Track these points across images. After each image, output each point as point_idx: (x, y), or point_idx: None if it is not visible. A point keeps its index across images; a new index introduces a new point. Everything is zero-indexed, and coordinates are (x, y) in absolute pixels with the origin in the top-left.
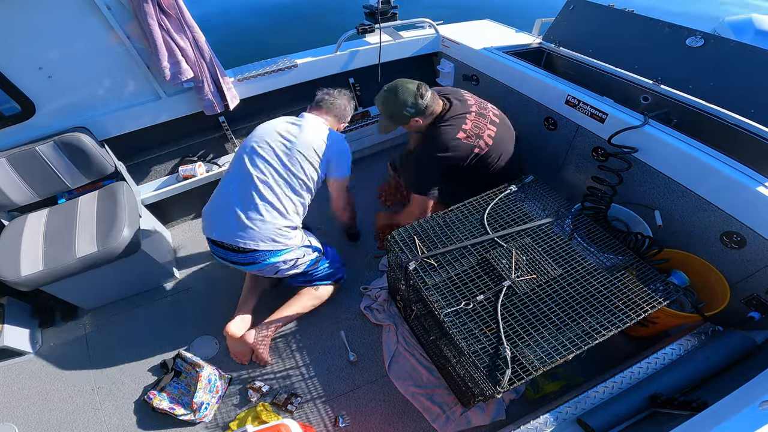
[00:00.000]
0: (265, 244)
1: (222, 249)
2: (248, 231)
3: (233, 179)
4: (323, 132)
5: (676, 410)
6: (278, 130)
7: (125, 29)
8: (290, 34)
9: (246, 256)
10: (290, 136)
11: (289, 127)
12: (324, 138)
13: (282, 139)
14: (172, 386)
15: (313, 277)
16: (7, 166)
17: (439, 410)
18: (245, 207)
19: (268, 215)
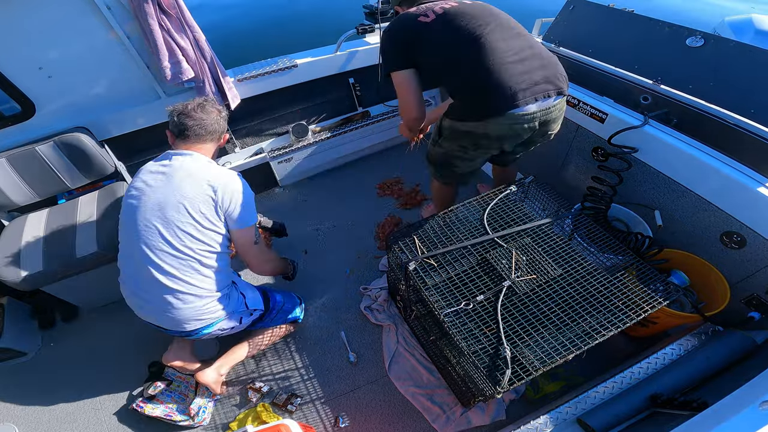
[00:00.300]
0: (190, 324)
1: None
2: (167, 316)
3: (128, 261)
4: (200, 174)
5: (676, 410)
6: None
7: (125, 29)
8: (290, 34)
9: (179, 332)
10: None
11: (154, 183)
12: (204, 182)
13: (158, 211)
14: (165, 395)
15: (265, 324)
16: (7, 167)
17: (439, 410)
18: (154, 295)
19: (180, 303)
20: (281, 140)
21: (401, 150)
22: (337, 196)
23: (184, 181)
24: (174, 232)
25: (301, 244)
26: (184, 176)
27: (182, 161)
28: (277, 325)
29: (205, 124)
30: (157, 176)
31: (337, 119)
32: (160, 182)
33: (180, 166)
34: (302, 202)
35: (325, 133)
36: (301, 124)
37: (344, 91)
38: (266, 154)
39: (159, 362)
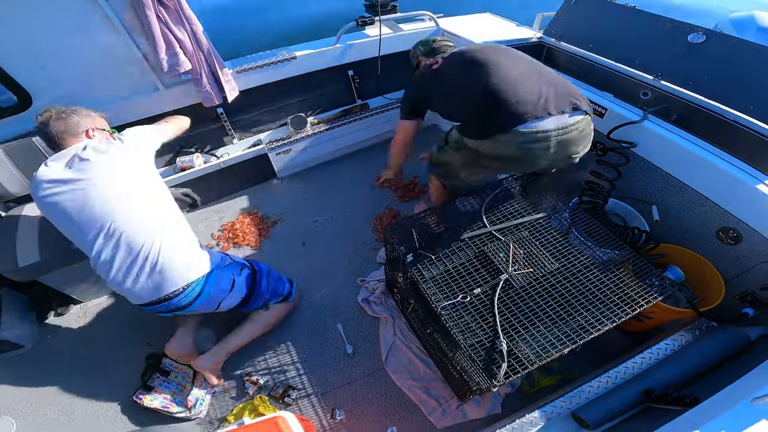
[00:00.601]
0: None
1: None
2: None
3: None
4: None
5: (669, 405)
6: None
7: (123, 20)
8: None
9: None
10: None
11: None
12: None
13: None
14: (163, 386)
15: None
16: (3, 157)
17: (435, 403)
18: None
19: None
20: (280, 132)
21: None
22: (336, 188)
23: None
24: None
25: (299, 235)
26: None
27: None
28: (272, 301)
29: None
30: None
31: (336, 111)
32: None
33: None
34: (301, 193)
35: (324, 125)
36: (299, 116)
37: (343, 83)
38: (265, 146)
39: (156, 354)
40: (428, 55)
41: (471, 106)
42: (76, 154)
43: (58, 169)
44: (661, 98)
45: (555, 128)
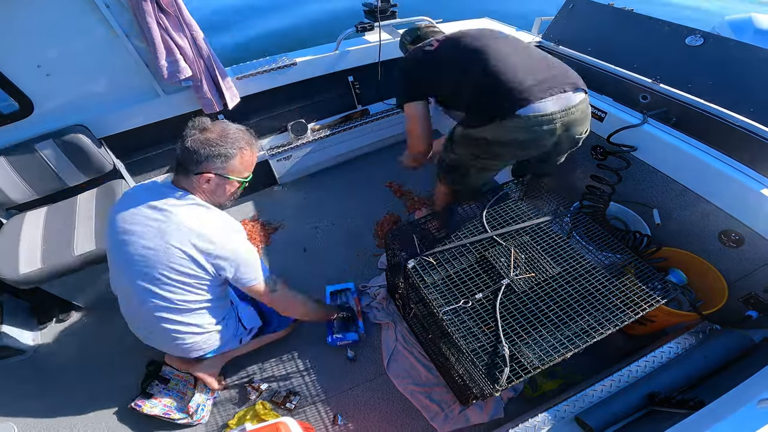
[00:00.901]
0: (193, 354)
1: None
2: (169, 350)
3: (125, 303)
4: (190, 232)
5: (673, 409)
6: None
7: (124, 27)
8: (289, 32)
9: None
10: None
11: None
12: (195, 242)
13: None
14: (163, 393)
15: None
16: (5, 165)
17: (437, 408)
18: (155, 335)
19: (180, 341)
20: (280, 138)
21: (400, 148)
22: (337, 194)
23: (169, 235)
24: (164, 288)
25: (300, 242)
26: (175, 229)
27: (177, 206)
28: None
29: (179, 145)
30: (151, 218)
31: (336, 117)
32: (152, 225)
33: (174, 213)
34: (301, 200)
35: (325, 131)
36: (300, 122)
37: (343, 89)
38: (265, 152)
39: (157, 361)
40: (415, 42)
41: (473, 89)
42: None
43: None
44: (660, 101)
45: (558, 110)
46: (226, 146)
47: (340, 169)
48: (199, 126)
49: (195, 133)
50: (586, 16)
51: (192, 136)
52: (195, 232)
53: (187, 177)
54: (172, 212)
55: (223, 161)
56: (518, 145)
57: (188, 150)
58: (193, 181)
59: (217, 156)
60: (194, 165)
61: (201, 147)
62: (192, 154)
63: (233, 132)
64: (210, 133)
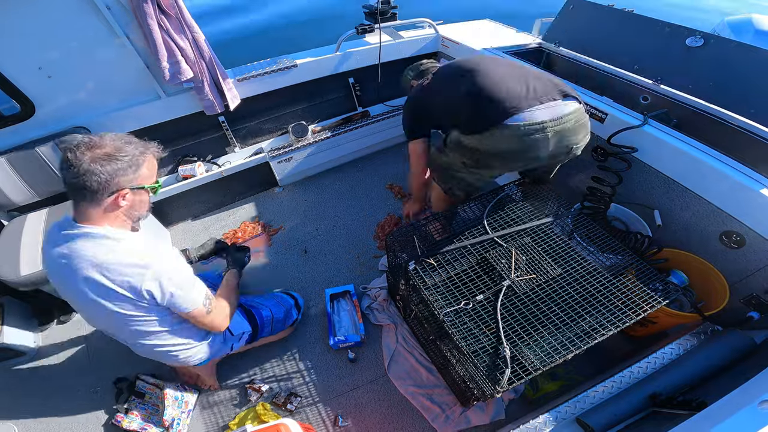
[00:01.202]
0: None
1: None
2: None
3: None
4: (104, 271)
5: (675, 410)
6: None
7: (125, 29)
8: (290, 34)
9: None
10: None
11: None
12: (117, 282)
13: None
14: (140, 407)
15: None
16: (6, 167)
17: (438, 410)
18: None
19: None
20: (281, 140)
21: (401, 150)
22: (337, 196)
23: (94, 285)
24: (122, 329)
25: (300, 243)
26: (89, 276)
27: (83, 248)
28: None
29: (68, 176)
30: (67, 270)
31: (336, 119)
32: (72, 278)
33: (81, 256)
34: (302, 201)
35: (325, 133)
36: (300, 124)
37: (344, 91)
38: (266, 154)
39: (125, 378)
40: (418, 78)
41: (462, 106)
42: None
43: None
44: (661, 103)
45: (550, 119)
46: (130, 155)
47: (340, 171)
48: (82, 145)
49: (86, 153)
50: (587, 17)
51: (85, 158)
52: (116, 269)
53: (95, 204)
54: (79, 259)
55: (134, 171)
56: (509, 156)
57: (90, 172)
58: (104, 206)
59: (128, 168)
60: (103, 187)
61: (105, 164)
62: (96, 176)
63: (126, 139)
64: (104, 148)
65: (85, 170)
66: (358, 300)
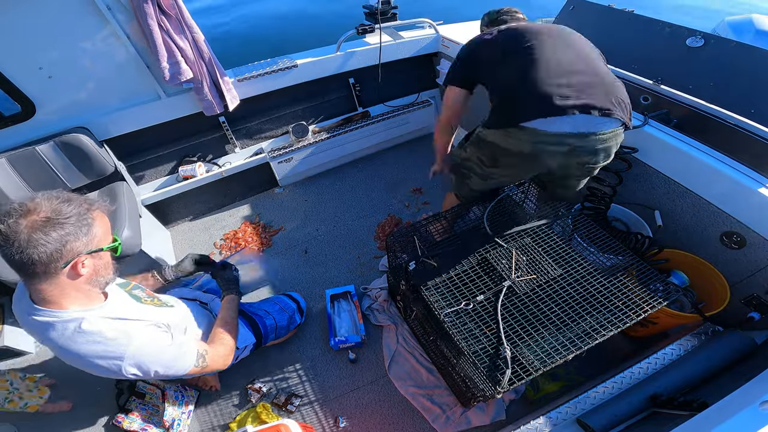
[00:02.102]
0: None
1: None
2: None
3: None
4: (80, 358)
5: (676, 410)
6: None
7: (125, 29)
8: (290, 34)
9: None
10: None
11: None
12: (96, 365)
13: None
14: (140, 408)
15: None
16: (7, 167)
17: (439, 410)
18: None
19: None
20: (281, 140)
21: (401, 150)
22: (337, 197)
23: (78, 365)
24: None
25: (301, 244)
26: (71, 360)
27: (51, 334)
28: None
29: (8, 254)
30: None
31: (337, 119)
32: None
33: (54, 343)
34: (302, 202)
35: (325, 134)
36: (301, 124)
37: (344, 91)
38: (266, 155)
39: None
40: (491, 25)
41: (500, 89)
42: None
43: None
44: (661, 103)
45: (573, 133)
46: (74, 216)
47: (341, 172)
48: (14, 213)
49: (20, 222)
50: (587, 17)
51: (21, 227)
52: (88, 359)
53: (50, 281)
54: (54, 347)
55: (85, 233)
56: (522, 159)
57: (33, 243)
58: (61, 281)
59: (77, 231)
60: (54, 258)
61: (49, 230)
62: (42, 246)
63: (63, 197)
64: (40, 213)
65: (26, 241)
66: (358, 300)
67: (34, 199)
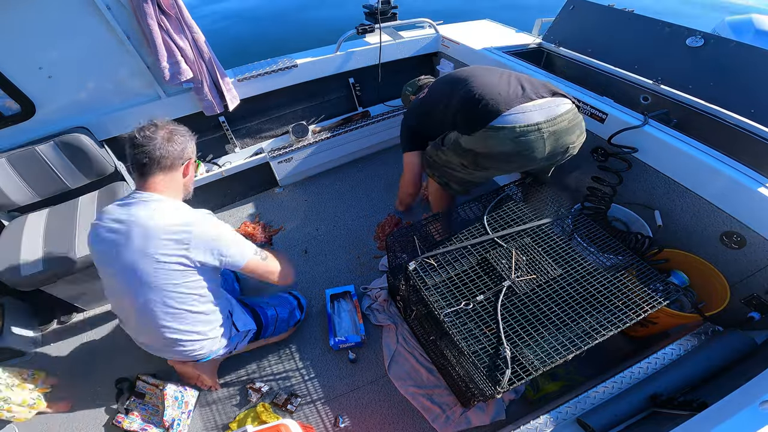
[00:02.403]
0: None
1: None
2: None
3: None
4: (163, 230)
5: (676, 410)
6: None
7: (125, 29)
8: (290, 34)
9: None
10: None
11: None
12: (170, 239)
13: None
14: (140, 408)
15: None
16: (7, 167)
17: (439, 410)
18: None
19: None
20: (281, 140)
21: (401, 151)
22: (337, 196)
23: (146, 241)
24: (157, 293)
25: (301, 244)
26: (143, 234)
27: (142, 211)
28: (279, 334)
29: (148, 150)
30: (119, 234)
31: (337, 119)
32: (122, 240)
33: (137, 219)
34: (302, 201)
35: (325, 133)
36: (301, 124)
37: (344, 91)
38: (266, 154)
39: (126, 378)
40: (416, 93)
41: (458, 112)
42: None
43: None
44: (661, 103)
45: (544, 120)
46: (186, 135)
47: (341, 171)
48: (149, 127)
49: (157, 132)
50: (587, 17)
51: (158, 135)
52: (168, 229)
53: (170, 172)
54: (141, 214)
55: (191, 146)
56: (505, 158)
57: (169, 144)
58: (175, 174)
59: (189, 141)
60: (179, 155)
61: (176, 138)
62: (173, 146)
63: (172, 121)
64: (166, 129)
65: (164, 141)
66: (358, 300)
67: (155, 121)
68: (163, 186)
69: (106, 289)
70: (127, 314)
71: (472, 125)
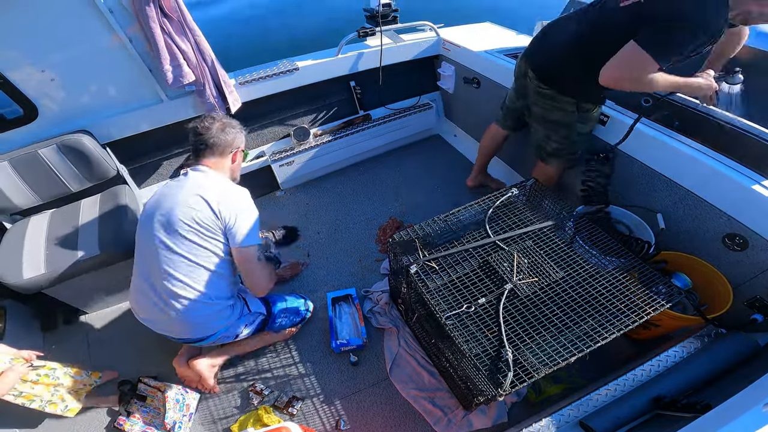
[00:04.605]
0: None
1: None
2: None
3: (142, 269)
4: (206, 189)
5: (679, 413)
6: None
7: (127, 32)
8: (292, 37)
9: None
10: (167, 211)
11: (167, 192)
12: (209, 197)
13: (165, 221)
14: (142, 410)
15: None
16: (9, 170)
17: (440, 413)
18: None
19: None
20: (283, 143)
21: (402, 153)
22: (339, 200)
23: (190, 193)
24: (178, 240)
25: (302, 247)
26: (191, 189)
27: (193, 176)
28: (284, 329)
29: (204, 138)
30: (171, 188)
31: (338, 122)
32: (171, 193)
33: (189, 180)
34: (304, 205)
35: (327, 137)
36: (302, 128)
37: (345, 94)
38: (268, 158)
39: (129, 381)
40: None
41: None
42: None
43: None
44: (662, 105)
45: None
46: (237, 127)
47: (342, 174)
48: (207, 119)
49: (214, 123)
50: None
51: (215, 126)
52: (210, 191)
53: (218, 157)
54: (192, 177)
55: (241, 137)
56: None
57: (223, 133)
58: (226, 159)
59: (239, 134)
60: (229, 144)
61: (229, 130)
62: (225, 137)
63: (226, 115)
64: (221, 122)
65: (219, 131)
66: (360, 303)
67: (211, 114)
68: (213, 165)
69: (138, 242)
70: (149, 265)
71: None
